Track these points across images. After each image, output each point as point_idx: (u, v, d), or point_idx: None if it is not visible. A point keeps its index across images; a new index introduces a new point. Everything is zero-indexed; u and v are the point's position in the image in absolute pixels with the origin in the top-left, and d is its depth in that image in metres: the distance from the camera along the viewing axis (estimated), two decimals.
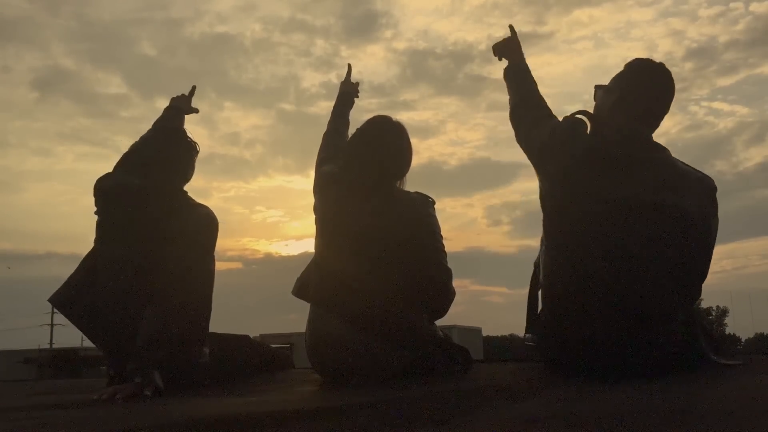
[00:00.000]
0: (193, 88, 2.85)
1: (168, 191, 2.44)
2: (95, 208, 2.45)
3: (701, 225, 2.05)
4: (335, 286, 2.24)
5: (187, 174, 2.56)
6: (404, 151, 2.37)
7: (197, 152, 2.59)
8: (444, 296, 2.31)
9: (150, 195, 2.40)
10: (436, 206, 2.35)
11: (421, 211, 2.30)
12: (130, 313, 2.24)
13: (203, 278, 2.40)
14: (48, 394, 2.62)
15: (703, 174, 2.12)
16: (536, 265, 2.22)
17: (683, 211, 2.01)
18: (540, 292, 2.18)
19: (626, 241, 1.97)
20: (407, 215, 2.26)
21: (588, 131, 2.12)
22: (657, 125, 2.15)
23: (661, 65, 2.14)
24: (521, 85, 2.35)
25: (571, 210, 2.04)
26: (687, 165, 2.12)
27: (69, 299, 2.40)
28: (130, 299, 2.28)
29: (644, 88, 2.11)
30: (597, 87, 2.21)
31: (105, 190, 2.45)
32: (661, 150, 2.10)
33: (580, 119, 2.13)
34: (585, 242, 2.01)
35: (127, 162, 2.57)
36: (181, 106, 2.82)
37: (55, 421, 1.57)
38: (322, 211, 2.37)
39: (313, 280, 2.31)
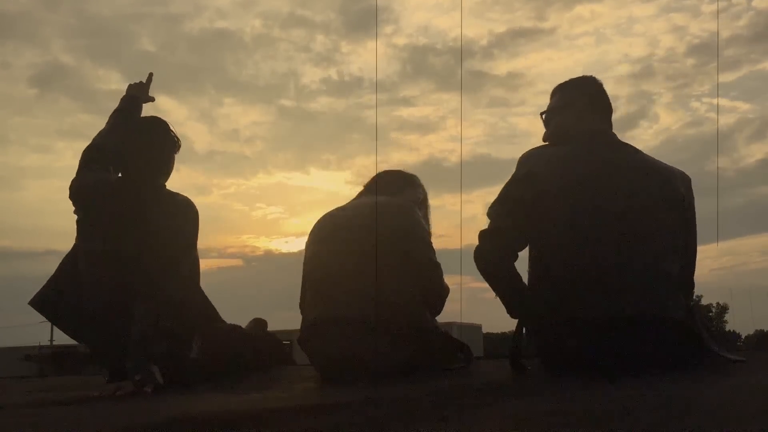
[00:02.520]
0: (150, 75, 2.78)
1: (148, 186, 2.41)
2: (74, 209, 2.42)
3: (689, 213, 2.09)
4: (329, 291, 2.26)
5: (168, 170, 2.52)
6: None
7: (178, 148, 2.54)
8: (437, 290, 2.34)
9: (130, 189, 2.38)
10: (435, 203, 2.39)
11: (403, 208, 2.35)
12: (116, 310, 2.23)
13: (189, 270, 2.40)
14: (49, 391, 2.62)
15: (678, 168, 2.16)
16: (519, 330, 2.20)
17: (673, 200, 2.04)
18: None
19: (620, 238, 1.98)
20: (388, 212, 2.29)
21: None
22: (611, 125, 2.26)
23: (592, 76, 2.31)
24: None
25: (564, 229, 2.05)
26: (658, 160, 2.17)
27: (50, 301, 2.37)
28: (115, 296, 2.27)
29: (596, 88, 2.25)
30: (542, 114, 2.30)
31: (87, 187, 2.43)
32: (633, 147, 2.16)
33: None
34: (580, 241, 2.01)
35: (98, 159, 2.52)
36: (137, 95, 2.75)
37: (56, 418, 1.57)
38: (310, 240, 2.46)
39: (308, 300, 2.34)
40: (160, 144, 2.47)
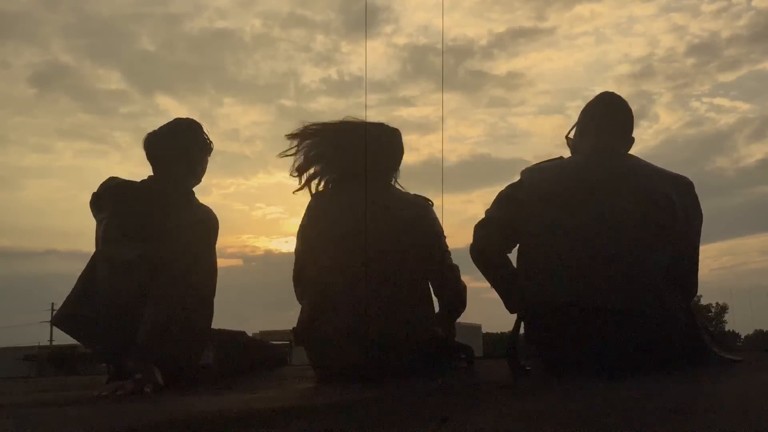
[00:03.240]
0: None
1: (175, 189, 2.39)
2: (101, 214, 2.38)
3: (683, 220, 2.11)
4: (337, 302, 2.19)
5: (198, 174, 2.51)
6: (372, 151, 2.29)
7: (210, 151, 2.53)
8: (456, 291, 2.35)
9: (159, 191, 2.36)
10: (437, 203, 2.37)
11: (417, 213, 2.30)
12: (133, 313, 2.21)
13: (203, 276, 2.38)
14: (48, 391, 2.62)
15: (678, 174, 2.18)
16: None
17: (657, 200, 2.07)
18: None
19: (616, 245, 2.01)
20: (400, 217, 2.25)
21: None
22: (629, 140, 2.27)
23: (613, 93, 2.31)
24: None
25: (559, 233, 2.08)
26: (656, 167, 2.19)
27: (67, 315, 2.35)
28: (134, 298, 2.25)
29: (604, 105, 2.27)
30: (567, 138, 2.37)
31: (112, 188, 2.40)
32: (634, 157, 2.20)
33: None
34: (577, 249, 2.03)
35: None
36: None
37: (56, 418, 1.57)
38: (307, 225, 2.35)
39: (307, 298, 2.30)
40: (193, 146, 2.44)
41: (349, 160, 2.33)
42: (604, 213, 2.04)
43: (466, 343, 2.51)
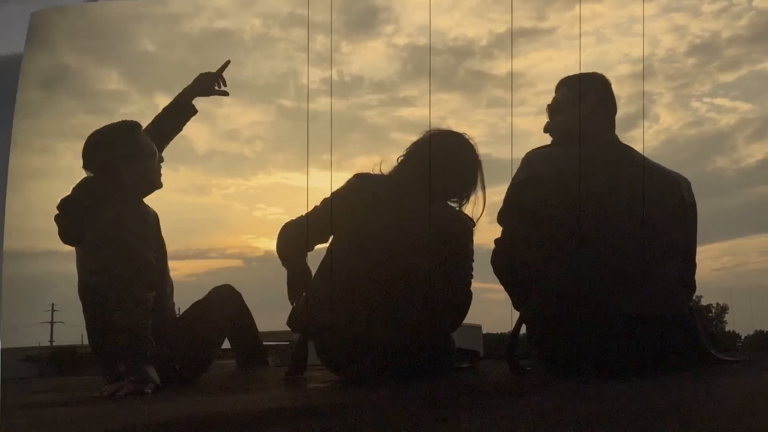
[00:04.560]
0: (226, 63, 2.75)
1: (104, 191, 2.37)
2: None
3: (693, 220, 2.12)
4: (358, 308, 2.18)
5: (148, 181, 2.44)
6: (450, 171, 2.31)
7: (154, 156, 2.47)
8: (462, 316, 2.32)
9: (86, 195, 2.38)
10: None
11: (461, 229, 2.27)
12: (101, 320, 2.26)
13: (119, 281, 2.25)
14: (49, 391, 2.62)
15: (677, 172, 2.16)
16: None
17: (679, 205, 2.07)
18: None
19: (623, 239, 2.00)
20: (445, 232, 2.23)
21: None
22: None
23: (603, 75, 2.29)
24: None
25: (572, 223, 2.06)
26: (658, 164, 2.17)
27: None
28: (97, 306, 2.31)
29: (606, 88, 2.23)
30: (548, 106, 2.28)
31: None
32: (634, 150, 2.17)
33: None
34: (604, 257, 2.02)
35: None
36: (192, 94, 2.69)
37: (56, 418, 1.57)
38: (351, 220, 2.30)
39: (321, 288, 2.28)
40: (130, 153, 2.42)
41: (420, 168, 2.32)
42: (634, 217, 2.02)
43: (471, 348, 2.50)
